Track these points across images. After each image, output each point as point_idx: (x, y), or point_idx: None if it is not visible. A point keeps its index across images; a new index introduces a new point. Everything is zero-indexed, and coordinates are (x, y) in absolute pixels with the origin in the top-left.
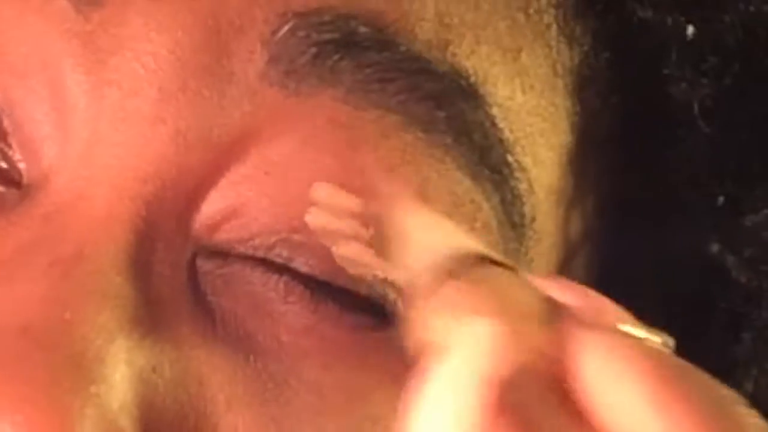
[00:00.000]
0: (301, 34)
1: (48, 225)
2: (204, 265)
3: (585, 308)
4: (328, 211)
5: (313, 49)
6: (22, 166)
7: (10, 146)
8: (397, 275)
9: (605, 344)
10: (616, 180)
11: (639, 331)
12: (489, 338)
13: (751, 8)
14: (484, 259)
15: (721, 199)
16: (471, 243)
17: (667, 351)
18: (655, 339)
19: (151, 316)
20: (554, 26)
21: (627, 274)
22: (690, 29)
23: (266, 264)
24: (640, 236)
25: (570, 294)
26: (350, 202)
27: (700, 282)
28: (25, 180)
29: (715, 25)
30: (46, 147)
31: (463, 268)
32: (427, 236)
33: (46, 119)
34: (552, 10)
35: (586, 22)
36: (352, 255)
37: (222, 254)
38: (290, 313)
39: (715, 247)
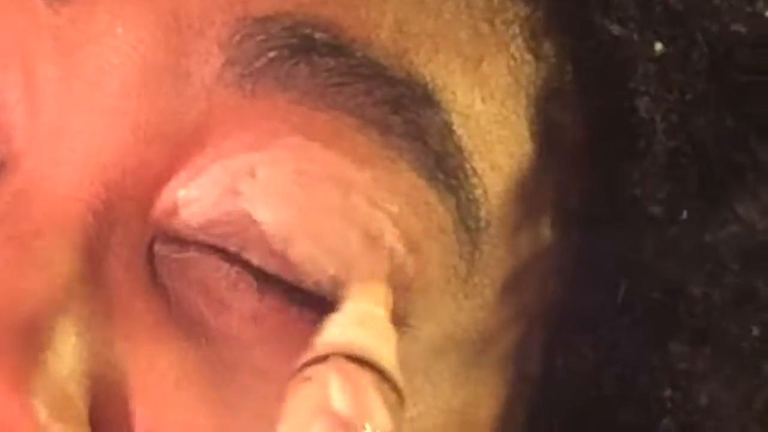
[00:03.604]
0: (259, 38)
1: (14, 203)
2: (161, 249)
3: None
4: None
5: (270, 54)
6: None
7: None
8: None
9: None
10: (578, 192)
11: None
12: None
13: (717, 26)
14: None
15: (684, 214)
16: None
17: None
18: None
19: (104, 293)
20: (519, 39)
21: (586, 288)
22: (658, 46)
23: (220, 252)
24: (601, 249)
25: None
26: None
27: (661, 295)
28: (0, 161)
29: (683, 42)
30: (18, 131)
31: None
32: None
33: (18, 105)
34: (519, 23)
35: (553, 37)
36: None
37: (179, 240)
38: (238, 301)
39: (674, 262)
